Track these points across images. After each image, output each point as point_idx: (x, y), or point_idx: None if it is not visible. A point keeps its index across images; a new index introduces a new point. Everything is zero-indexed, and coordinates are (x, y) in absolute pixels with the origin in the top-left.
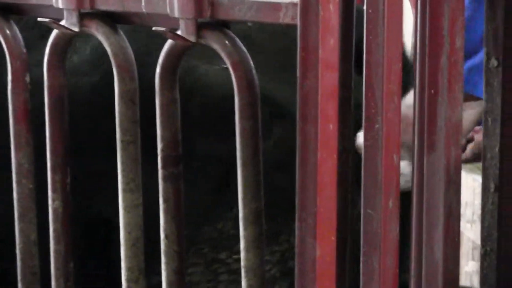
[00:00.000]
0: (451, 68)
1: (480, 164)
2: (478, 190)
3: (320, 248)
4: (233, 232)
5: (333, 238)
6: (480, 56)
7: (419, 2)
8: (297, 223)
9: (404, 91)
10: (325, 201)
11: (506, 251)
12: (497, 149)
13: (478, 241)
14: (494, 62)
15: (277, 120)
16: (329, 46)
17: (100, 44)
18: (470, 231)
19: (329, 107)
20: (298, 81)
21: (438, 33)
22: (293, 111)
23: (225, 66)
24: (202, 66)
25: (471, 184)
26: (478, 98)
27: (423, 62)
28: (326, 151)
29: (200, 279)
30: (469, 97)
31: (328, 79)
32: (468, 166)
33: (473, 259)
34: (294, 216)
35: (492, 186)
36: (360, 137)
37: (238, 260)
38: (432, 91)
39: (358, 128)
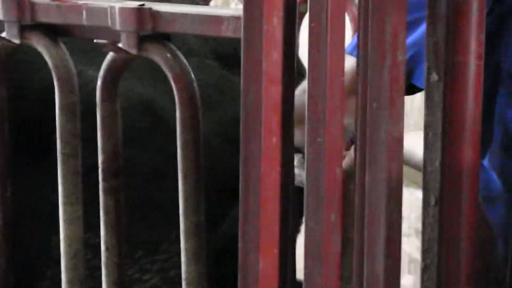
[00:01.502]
0: (393, 82)
1: (417, 178)
2: (415, 203)
3: (262, 261)
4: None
5: (276, 251)
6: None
7: (361, 15)
8: (240, 237)
9: None
10: (268, 214)
11: (446, 264)
12: (437, 163)
13: (414, 255)
14: (434, 77)
15: (157, 129)
16: (272, 60)
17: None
18: (406, 244)
19: (272, 121)
20: (242, 94)
21: (380, 48)
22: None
23: None
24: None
25: (407, 198)
26: None
27: (365, 77)
28: (269, 164)
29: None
30: None
31: (271, 93)
32: (405, 181)
33: (409, 272)
34: (174, 225)
35: (432, 199)
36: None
37: None
38: (374, 105)
39: None
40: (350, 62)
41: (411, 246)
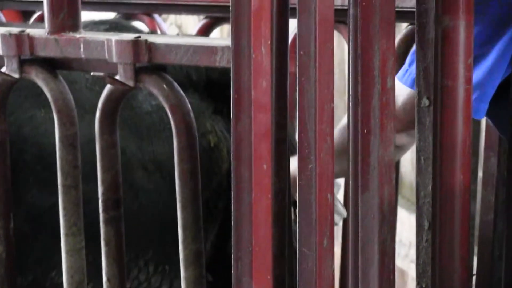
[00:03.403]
0: (382, 107)
1: None
2: None
3: (256, 287)
4: None
5: (269, 277)
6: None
7: (350, 43)
8: (233, 262)
9: None
10: (260, 240)
11: (441, 287)
12: (429, 187)
13: None
14: (425, 102)
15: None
16: (261, 88)
17: None
18: (414, 270)
19: (262, 148)
20: (232, 122)
21: (369, 74)
22: None
23: None
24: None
25: (413, 223)
26: None
27: (356, 102)
28: (260, 191)
29: None
30: None
31: (261, 120)
32: (413, 207)
33: None
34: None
35: (426, 223)
36: None
37: None
38: (365, 131)
39: None
40: (405, 94)
41: None
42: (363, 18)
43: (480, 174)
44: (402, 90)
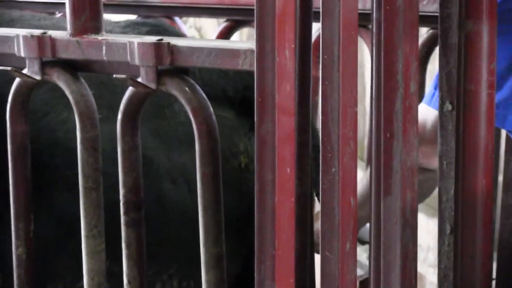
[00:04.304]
0: (405, 112)
1: None
2: None
3: None
4: None
5: (292, 280)
6: (505, 89)
7: (374, 47)
8: (256, 266)
9: None
10: (283, 244)
11: None
12: (452, 191)
13: None
14: (448, 106)
15: None
16: (285, 92)
17: None
18: (433, 275)
19: (286, 151)
20: (256, 125)
21: (392, 78)
22: None
23: None
24: None
25: (433, 229)
26: None
27: (379, 106)
28: (284, 194)
29: None
30: None
31: (284, 124)
32: (431, 210)
33: None
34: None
35: (448, 228)
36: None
37: None
38: (388, 135)
39: None
40: (433, 116)
41: None
42: (386, 22)
43: (500, 178)
44: (431, 113)
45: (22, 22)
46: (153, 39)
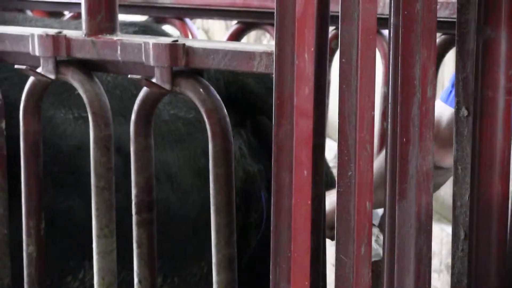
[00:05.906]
0: (422, 117)
1: (448, 214)
2: (446, 239)
3: None
4: None
5: (307, 283)
6: None
7: (391, 51)
8: (271, 268)
9: None
10: (299, 246)
11: None
12: (467, 197)
13: None
14: (464, 112)
15: None
16: (303, 95)
17: None
18: (437, 281)
19: (303, 154)
20: (274, 128)
21: (410, 83)
22: None
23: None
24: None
25: (438, 234)
26: None
27: (395, 111)
28: (300, 197)
29: None
30: None
31: (302, 127)
32: (436, 216)
33: None
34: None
35: (462, 233)
36: None
37: None
38: (404, 140)
39: None
40: (449, 114)
41: (442, 282)
42: (404, 27)
43: None
44: (447, 111)
45: (15, 24)
46: (168, 40)
